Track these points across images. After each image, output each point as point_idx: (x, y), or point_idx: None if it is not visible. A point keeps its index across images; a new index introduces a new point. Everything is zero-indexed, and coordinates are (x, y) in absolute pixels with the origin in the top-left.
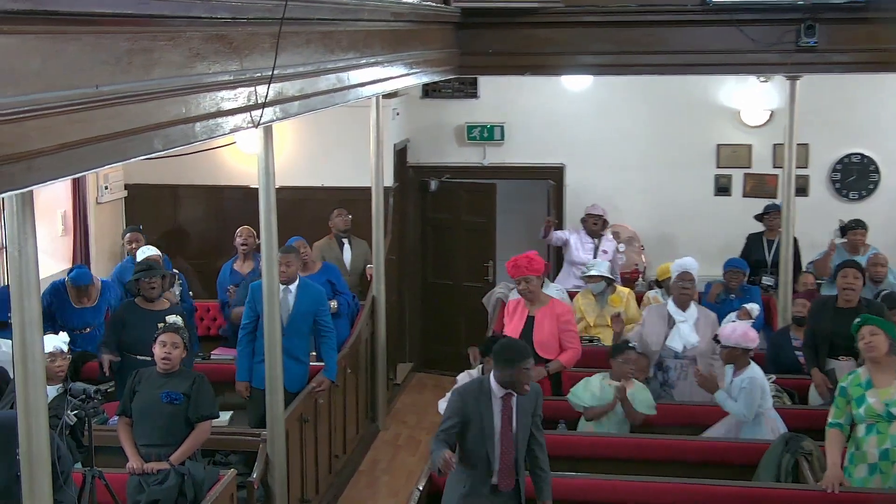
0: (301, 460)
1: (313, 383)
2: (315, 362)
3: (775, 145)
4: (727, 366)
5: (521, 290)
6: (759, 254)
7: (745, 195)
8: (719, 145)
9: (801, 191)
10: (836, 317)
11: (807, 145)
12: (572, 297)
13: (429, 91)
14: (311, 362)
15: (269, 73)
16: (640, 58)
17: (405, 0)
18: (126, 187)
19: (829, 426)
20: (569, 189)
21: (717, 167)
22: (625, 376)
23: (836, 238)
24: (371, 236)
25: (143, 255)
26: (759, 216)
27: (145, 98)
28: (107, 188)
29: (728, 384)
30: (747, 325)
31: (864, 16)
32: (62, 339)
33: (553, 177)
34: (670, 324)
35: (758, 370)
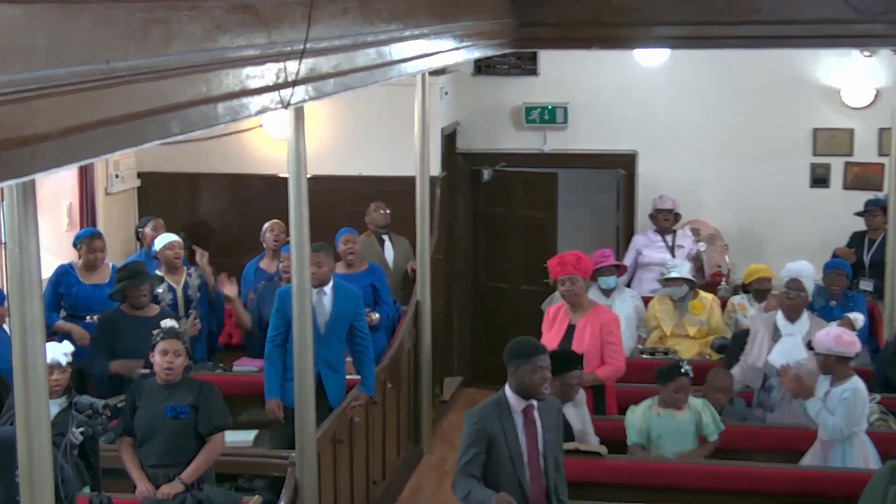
0: (334, 486)
1: (349, 399)
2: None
3: (881, 130)
4: (823, 376)
5: (565, 291)
6: (857, 254)
7: (845, 187)
8: (816, 130)
9: None
10: None
11: None
12: (648, 303)
13: (482, 67)
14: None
15: (301, 48)
16: (724, 29)
17: None
18: (139, 176)
19: None
20: (641, 179)
21: (814, 155)
22: (675, 405)
23: None
24: (414, 233)
25: (162, 243)
26: (860, 212)
27: (162, 75)
28: (117, 177)
29: (823, 395)
30: (844, 329)
31: None
32: (63, 349)
33: (623, 165)
34: (776, 336)
35: (861, 383)
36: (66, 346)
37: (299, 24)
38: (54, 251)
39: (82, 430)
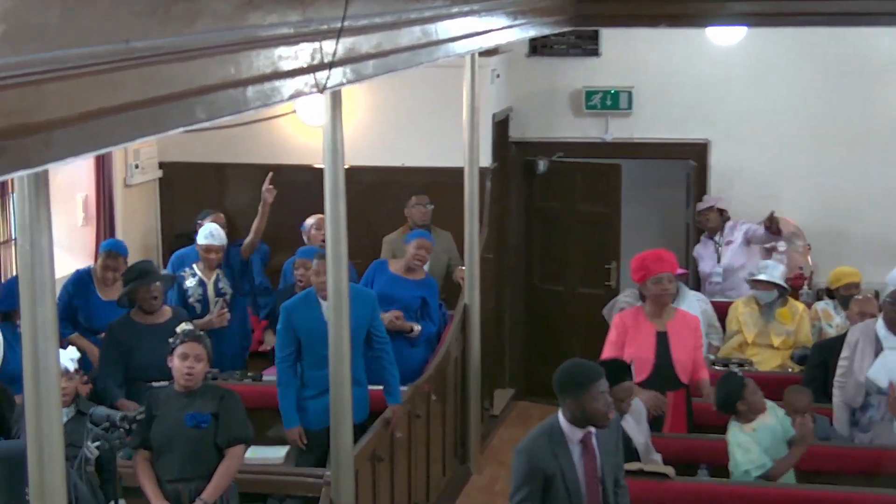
0: None
1: (386, 414)
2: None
3: None
4: None
5: (661, 291)
6: None
7: None
8: None
9: None
10: None
11: None
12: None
13: (537, 47)
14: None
15: (338, 26)
16: (808, 4)
17: None
18: (161, 166)
19: None
20: (714, 171)
21: None
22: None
23: None
24: (462, 229)
25: (204, 239)
26: None
27: (186, 56)
28: (137, 167)
29: None
30: None
31: None
32: (70, 355)
33: (694, 156)
34: (877, 349)
35: None
36: (72, 352)
37: None
38: (68, 248)
39: (98, 444)
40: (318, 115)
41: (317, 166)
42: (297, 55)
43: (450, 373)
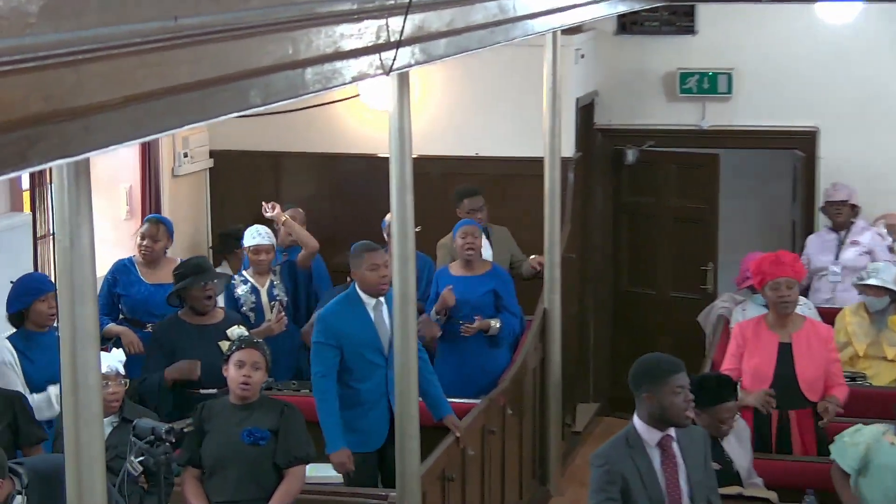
0: None
1: (449, 427)
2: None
3: None
4: None
5: (780, 299)
6: None
7: None
8: None
9: None
10: None
11: None
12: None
13: (626, 25)
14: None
15: (406, 0)
16: None
17: None
18: (211, 155)
19: None
20: (823, 163)
21: None
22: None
23: None
24: (542, 226)
25: (251, 240)
26: None
27: (240, 34)
28: (186, 156)
29: None
30: None
31: None
32: (117, 357)
33: (801, 145)
34: None
35: None
36: (119, 354)
37: None
38: (112, 243)
39: (142, 459)
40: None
41: (382, 156)
42: (360, 33)
43: (527, 385)
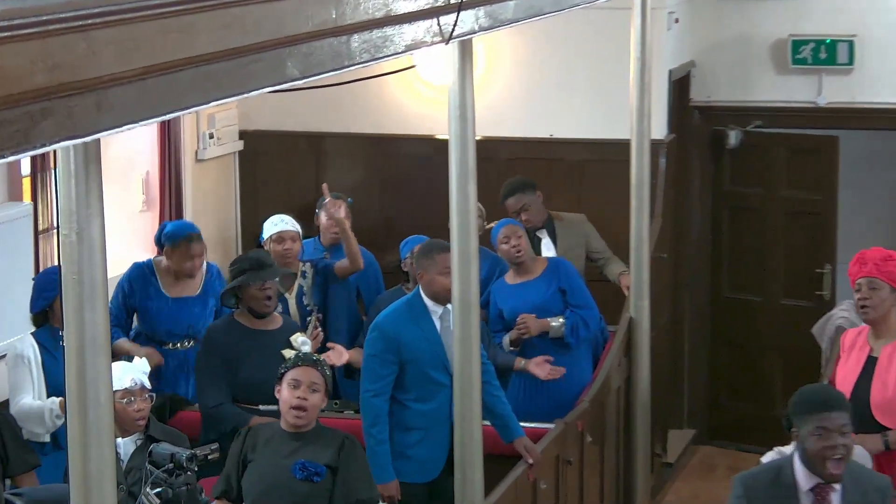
0: None
1: (520, 452)
2: None
3: None
4: None
5: (861, 301)
6: None
7: None
8: None
9: None
10: None
11: None
12: None
13: None
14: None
15: None
16: None
17: None
18: (241, 136)
19: None
20: None
21: None
22: None
23: None
24: (628, 221)
25: (271, 229)
26: None
27: None
28: (212, 138)
29: None
30: None
31: None
32: (142, 367)
33: None
34: None
35: None
36: (143, 365)
37: None
38: (125, 237)
39: (159, 491)
40: (442, 71)
41: (440, 137)
42: None
43: (610, 407)
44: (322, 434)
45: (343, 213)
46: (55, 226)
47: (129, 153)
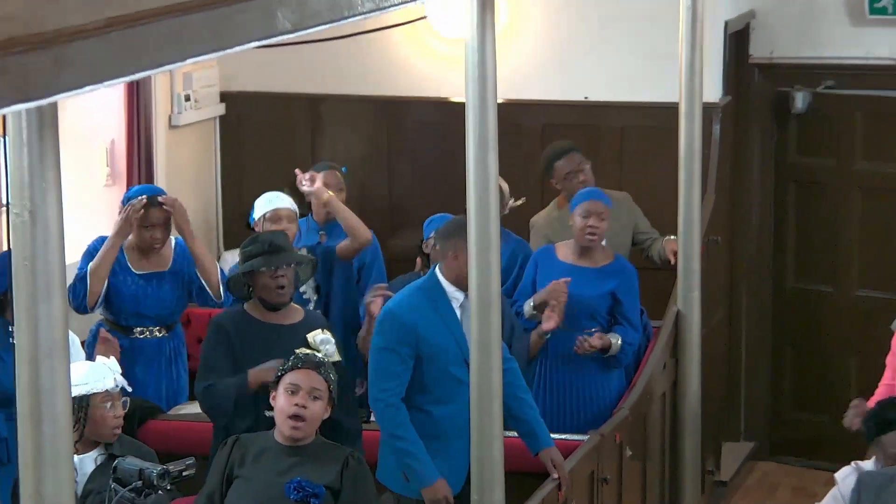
0: None
1: (547, 467)
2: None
3: None
4: None
5: None
6: None
7: None
8: None
9: None
10: None
11: None
12: None
13: None
14: None
15: None
16: None
17: None
18: (223, 99)
19: None
20: None
21: None
22: None
23: None
24: (676, 197)
25: (263, 207)
26: None
27: None
28: (189, 100)
29: None
30: None
31: None
32: (113, 366)
33: None
34: None
35: None
36: (113, 363)
37: None
38: (86, 218)
39: None
40: (458, 24)
41: (455, 100)
42: None
43: (653, 417)
44: (323, 449)
45: (319, 182)
46: (5, 203)
47: (92, 119)
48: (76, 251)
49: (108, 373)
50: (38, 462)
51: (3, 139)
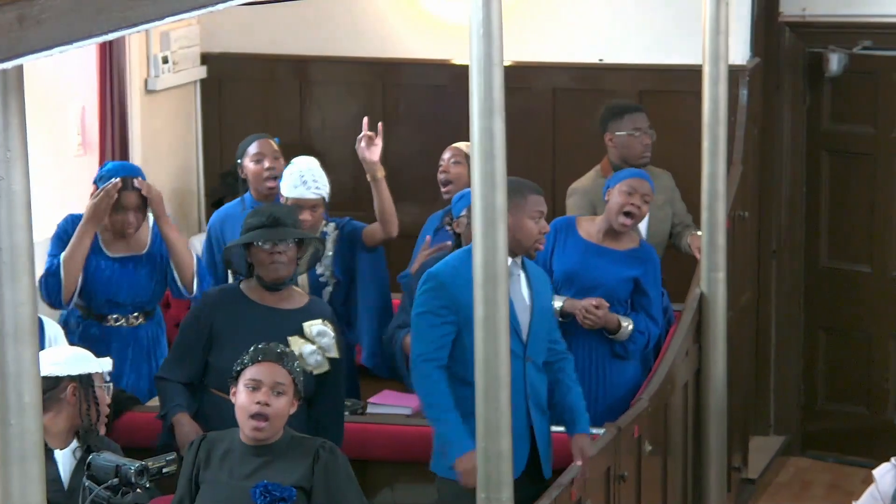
0: None
1: (574, 450)
2: None
3: None
4: None
5: None
6: None
7: None
8: None
9: None
10: None
11: None
12: None
13: None
14: None
15: None
16: None
17: None
18: (204, 61)
19: None
20: None
21: None
22: None
23: None
24: (699, 168)
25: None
26: None
27: None
28: (167, 62)
29: None
30: None
31: None
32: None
33: None
34: None
35: None
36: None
37: None
38: (56, 190)
39: None
40: None
41: (457, 63)
42: None
43: (675, 408)
44: (292, 446)
45: (377, 154)
46: None
47: (61, 83)
48: (46, 228)
49: (79, 362)
50: (5, 458)
51: None
